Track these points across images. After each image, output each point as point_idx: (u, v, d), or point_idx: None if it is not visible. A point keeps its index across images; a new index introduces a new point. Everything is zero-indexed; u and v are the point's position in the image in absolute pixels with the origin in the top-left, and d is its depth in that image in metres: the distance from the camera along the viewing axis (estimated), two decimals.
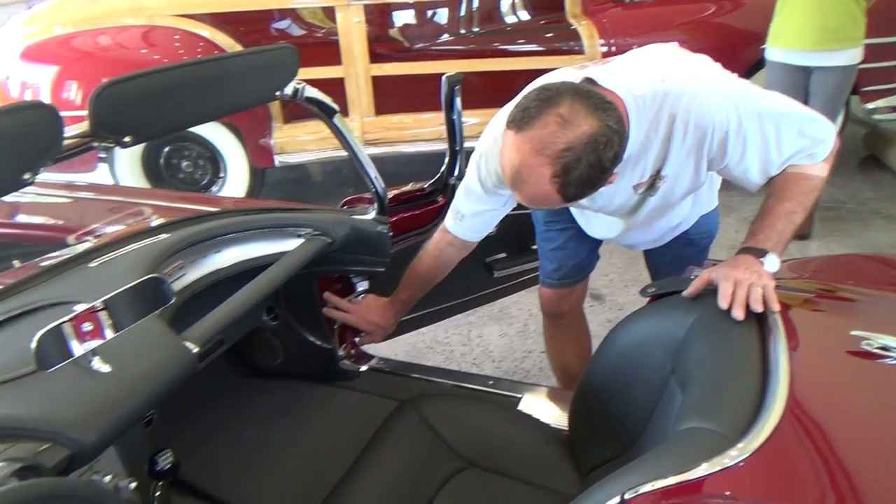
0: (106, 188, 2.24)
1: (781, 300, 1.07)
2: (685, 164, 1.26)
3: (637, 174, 1.30)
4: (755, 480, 0.76)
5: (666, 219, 1.52)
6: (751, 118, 1.19)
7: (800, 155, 1.24)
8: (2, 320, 1.10)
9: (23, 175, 0.81)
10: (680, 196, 1.40)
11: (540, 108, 1.03)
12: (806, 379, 0.91)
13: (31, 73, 3.55)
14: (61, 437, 0.91)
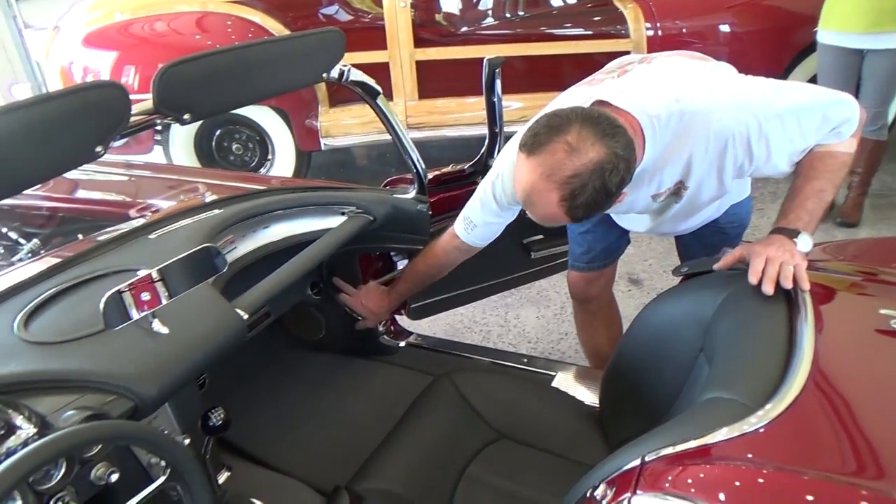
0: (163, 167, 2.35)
1: (812, 279, 1.09)
2: (709, 174, 1.27)
3: (654, 186, 1.32)
4: (773, 446, 0.79)
5: (694, 217, 1.53)
6: (771, 120, 1.19)
7: (825, 136, 1.24)
8: (72, 285, 1.19)
9: (96, 147, 0.89)
10: (707, 200, 1.40)
11: (549, 134, 1.07)
12: (830, 353, 0.92)
13: (93, 59, 3.70)
14: (126, 390, 0.99)
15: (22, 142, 0.80)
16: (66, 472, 0.90)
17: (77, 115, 0.86)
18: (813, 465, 0.77)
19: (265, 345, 1.96)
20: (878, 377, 0.91)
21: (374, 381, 1.84)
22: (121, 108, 0.90)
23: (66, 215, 1.93)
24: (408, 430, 1.53)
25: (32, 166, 0.85)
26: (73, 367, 1.00)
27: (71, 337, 1.05)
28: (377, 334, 1.96)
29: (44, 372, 0.98)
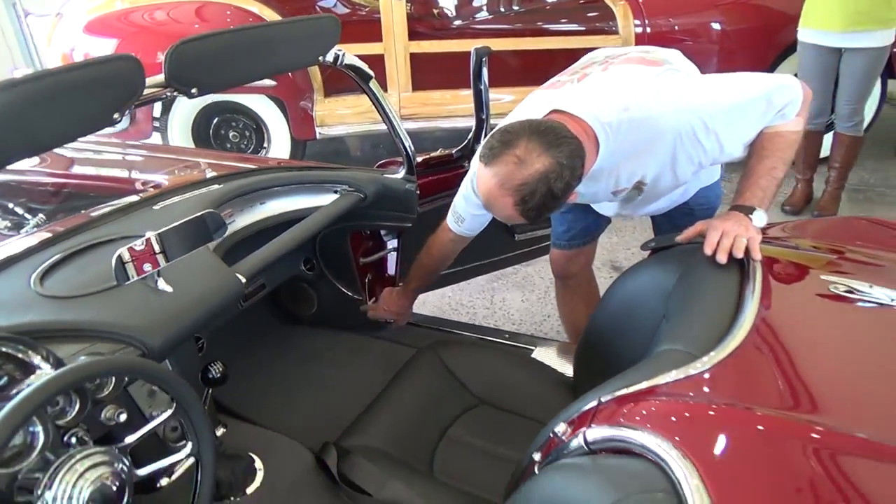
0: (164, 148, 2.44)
1: (765, 252, 1.19)
2: (663, 170, 1.38)
3: (612, 183, 1.42)
4: (714, 386, 0.89)
5: (659, 202, 1.63)
6: (716, 116, 1.29)
7: (772, 119, 1.33)
8: (83, 248, 1.28)
9: (113, 114, 0.99)
10: (667, 189, 1.49)
11: (501, 148, 1.20)
12: (772, 311, 1.03)
13: (93, 45, 3.77)
14: (133, 340, 1.09)
15: (50, 105, 0.89)
16: (80, 409, 0.99)
17: (98, 83, 0.95)
18: (748, 400, 0.87)
19: (262, 318, 2.05)
20: (813, 331, 1.02)
21: (363, 353, 1.93)
22: (136, 80, 1.00)
23: (70, 191, 2.01)
24: (393, 395, 1.63)
25: (58, 128, 0.94)
26: (87, 318, 1.09)
27: (84, 292, 1.15)
28: (367, 310, 2.06)
29: (60, 321, 1.07)
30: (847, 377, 0.92)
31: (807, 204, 3.42)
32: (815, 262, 1.24)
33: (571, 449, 0.91)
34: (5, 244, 1.35)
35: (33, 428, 0.92)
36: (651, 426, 0.82)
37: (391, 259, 2.08)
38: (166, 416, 0.99)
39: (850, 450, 0.77)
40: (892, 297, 1.05)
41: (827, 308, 1.07)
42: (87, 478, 0.86)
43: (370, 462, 1.39)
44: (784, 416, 0.82)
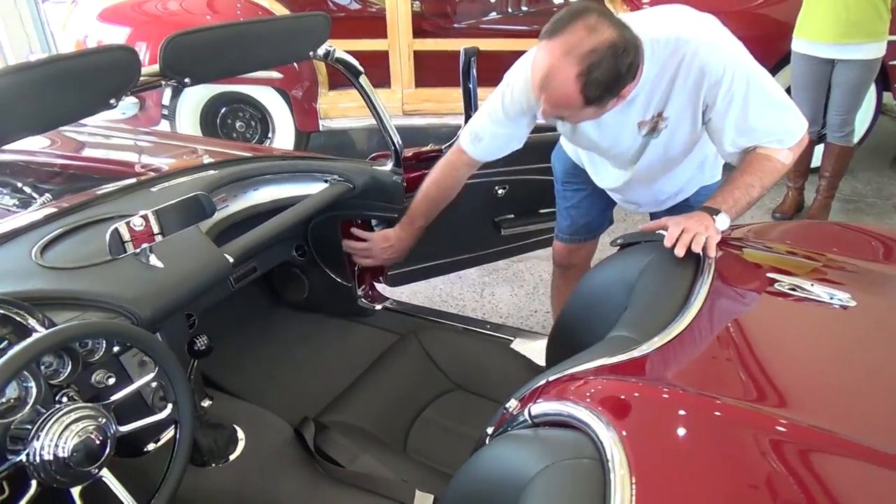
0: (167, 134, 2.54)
1: (725, 252, 1.26)
2: (685, 108, 1.42)
3: (642, 111, 1.45)
4: (651, 368, 0.97)
5: (666, 177, 1.66)
6: (741, 79, 1.35)
7: (770, 138, 1.41)
8: (82, 224, 1.37)
9: (110, 99, 1.07)
10: (680, 147, 1.52)
11: (570, 19, 1.22)
12: (715, 304, 1.10)
13: (107, 33, 3.87)
14: (125, 310, 1.17)
15: (53, 89, 0.98)
16: (72, 370, 1.08)
17: (97, 70, 1.04)
18: (679, 382, 0.94)
19: (254, 300, 2.14)
20: (751, 323, 1.09)
21: (348, 338, 2.01)
22: (132, 68, 1.08)
23: (76, 172, 2.10)
24: (373, 377, 1.71)
25: (59, 110, 1.02)
26: (82, 287, 1.18)
27: (81, 264, 1.23)
28: (356, 297, 2.14)
29: (57, 290, 1.16)
30: (774, 364, 0.99)
31: (797, 212, 3.48)
32: (769, 261, 1.31)
33: (518, 422, 0.98)
34: (11, 219, 1.44)
35: (27, 384, 1.00)
36: (587, 401, 0.90)
37: None
38: (149, 377, 1.07)
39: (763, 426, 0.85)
40: (831, 294, 1.12)
41: (768, 303, 1.14)
42: (73, 429, 0.94)
43: (345, 436, 1.47)
44: (708, 396, 0.89)
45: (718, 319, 1.08)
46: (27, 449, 0.92)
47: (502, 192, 2.14)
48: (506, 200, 2.17)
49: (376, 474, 1.38)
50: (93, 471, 0.96)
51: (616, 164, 1.69)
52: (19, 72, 0.93)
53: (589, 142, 1.60)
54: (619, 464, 0.77)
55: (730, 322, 1.08)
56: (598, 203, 1.94)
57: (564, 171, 1.95)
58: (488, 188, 2.12)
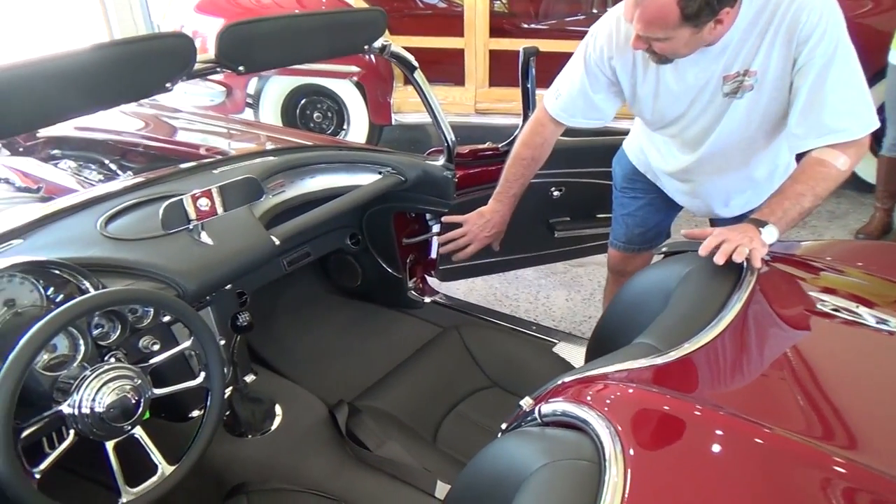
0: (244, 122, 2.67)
1: (771, 267, 1.21)
2: (775, 64, 1.35)
3: (729, 61, 1.39)
4: (667, 378, 0.94)
5: (738, 166, 1.57)
6: (830, 41, 1.28)
7: (834, 134, 1.32)
8: (145, 200, 1.47)
9: (166, 83, 1.15)
10: (763, 117, 1.44)
11: None
12: (748, 319, 1.06)
13: (202, 24, 4.09)
14: (173, 282, 1.25)
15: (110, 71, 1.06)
16: (121, 333, 1.17)
17: (155, 56, 1.11)
18: (694, 394, 0.92)
19: (308, 285, 2.22)
20: (784, 342, 1.04)
21: (394, 328, 2.06)
22: (187, 55, 1.15)
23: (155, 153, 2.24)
24: (411, 367, 1.75)
25: (118, 90, 1.11)
26: (137, 258, 1.27)
27: (139, 237, 1.32)
28: (406, 288, 2.18)
29: (114, 258, 1.25)
30: (801, 385, 0.94)
31: (884, 234, 3.25)
32: (814, 280, 1.24)
33: (528, 420, 0.99)
34: (88, 191, 1.56)
35: (77, 342, 1.09)
36: (595, 405, 0.89)
37: (434, 242, 2.18)
38: (184, 346, 1.14)
39: (783, 449, 0.81)
40: (877, 317, 1.05)
41: (806, 322, 1.08)
42: (111, 387, 1.02)
43: (375, 422, 1.51)
44: (722, 413, 0.86)
45: (749, 334, 1.03)
46: (68, 400, 1.00)
47: (558, 194, 2.12)
48: (561, 202, 2.15)
49: (401, 461, 1.41)
50: (126, 427, 1.03)
51: (688, 141, 1.60)
52: (82, 54, 1.02)
53: (667, 102, 1.52)
54: (616, 469, 0.76)
55: (760, 338, 1.04)
56: (655, 214, 1.89)
57: (624, 175, 1.91)
58: (543, 189, 2.11)
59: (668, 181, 1.77)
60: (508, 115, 3.88)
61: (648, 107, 1.57)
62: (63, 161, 2.24)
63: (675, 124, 1.58)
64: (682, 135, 1.59)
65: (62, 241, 1.27)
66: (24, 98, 1.02)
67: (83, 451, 1.02)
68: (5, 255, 1.18)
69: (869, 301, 1.12)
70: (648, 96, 1.55)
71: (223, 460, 1.45)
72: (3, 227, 1.29)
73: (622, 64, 1.52)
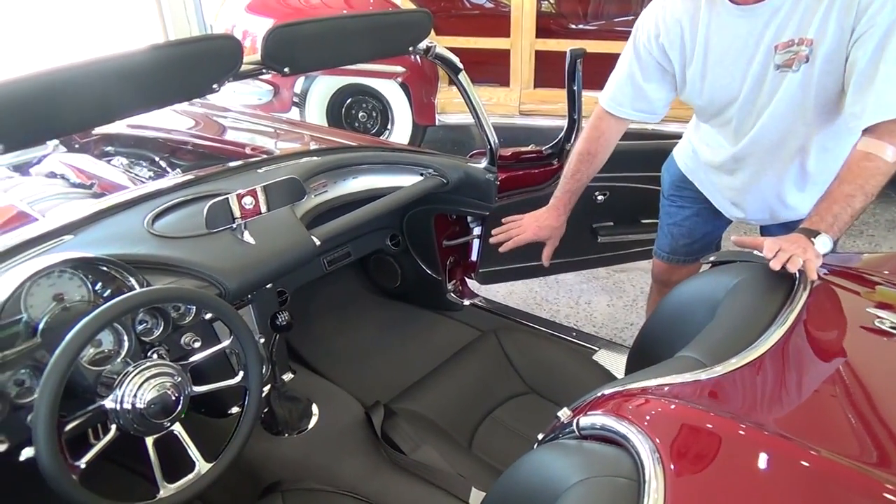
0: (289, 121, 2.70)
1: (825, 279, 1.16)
2: (832, 31, 1.28)
3: (781, 28, 1.33)
4: (712, 395, 0.91)
5: (790, 160, 1.49)
6: (890, 15, 1.21)
7: (892, 107, 1.24)
8: (191, 198, 1.50)
9: (212, 84, 1.16)
10: (820, 94, 1.36)
11: None
12: (800, 335, 1.01)
13: (253, 24, 4.17)
14: (214, 280, 1.27)
15: (161, 72, 1.08)
16: (164, 330, 1.19)
17: (201, 57, 1.13)
18: (739, 413, 0.88)
19: (348, 285, 2.23)
20: (837, 360, 0.99)
21: (432, 330, 2.05)
22: (234, 56, 1.17)
23: (204, 151, 2.29)
24: (448, 370, 1.74)
25: (167, 91, 1.13)
26: (181, 256, 1.29)
27: (184, 235, 1.35)
28: (445, 290, 2.17)
29: (159, 256, 1.28)
30: (854, 407, 0.89)
31: None
32: (870, 295, 1.18)
33: (566, 432, 0.96)
34: (137, 189, 1.60)
35: (122, 338, 1.12)
36: (635, 420, 0.86)
37: (475, 245, 2.17)
38: (224, 345, 1.16)
39: (831, 473, 0.77)
40: None
41: (862, 340, 1.03)
42: (152, 383, 1.04)
43: (411, 425, 1.50)
44: (767, 433, 0.83)
45: (799, 351, 0.99)
46: (111, 395, 1.02)
47: (602, 199, 2.09)
48: (605, 207, 2.11)
49: (435, 466, 1.40)
50: (165, 423, 1.05)
51: (739, 126, 1.52)
52: (135, 56, 1.04)
53: (716, 80, 1.47)
54: (656, 487, 0.74)
55: (811, 356, 0.99)
56: (703, 226, 1.82)
57: (672, 183, 1.85)
58: (587, 193, 2.07)
59: (717, 178, 1.69)
60: (553, 116, 3.83)
61: (697, 88, 1.52)
62: (116, 158, 2.31)
63: (727, 110, 1.51)
64: (734, 120, 1.52)
65: (111, 237, 1.31)
66: (81, 97, 1.05)
67: (126, 442, 1.04)
68: (57, 251, 1.22)
69: None
70: (696, 76, 1.50)
71: (260, 458, 1.47)
72: (56, 223, 1.33)
73: (670, 42, 1.49)
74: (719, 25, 1.42)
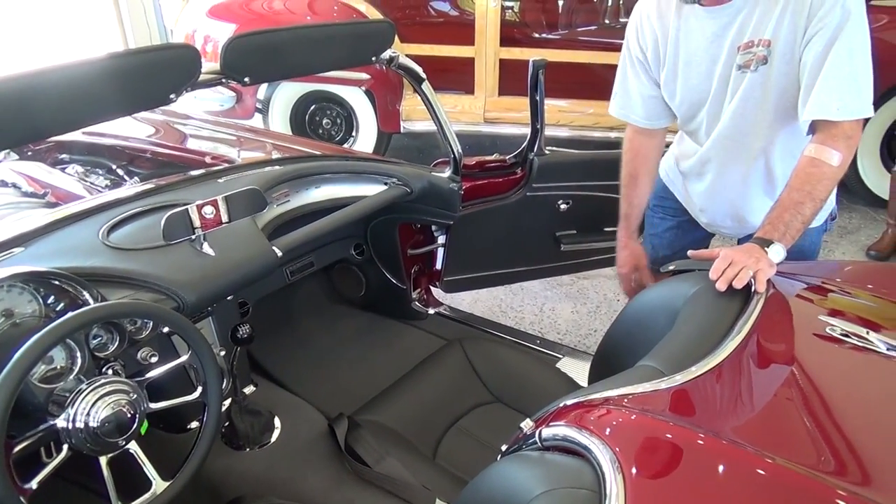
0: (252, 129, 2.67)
1: (777, 289, 1.19)
2: (786, 32, 1.32)
3: (743, 26, 1.37)
4: (671, 404, 0.92)
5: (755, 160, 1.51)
6: (843, 9, 1.25)
7: (830, 107, 1.28)
8: (149, 209, 1.46)
9: (170, 94, 1.14)
10: (781, 92, 1.39)
11: None
12: (755, 344, 1.03)
13: (214, 29, 4.10)
14: (172, 293, 1.24)
15: (116, 81, 1.05)
16: (119, 345, 1.16)
17: (158, 67, 1.11)
18: (698, 422, 0.90)
19: (311, 295, 2.21)
20: (791, 368, 1.02)
21: (397, 340, 2.04)
22: (193, 66, 1.15)
23: (163, 159, 2.24)
24: (413, 380, 1.73)
25: (122, 101, 1.10)
26: (137, 268, 1.26)
27: (140, 246, 1.32)
28: (410, 299, 2.16)
29: (115, 269, 1.24)
30: (809, 414, 0.92)
31: (895, 251, 3.21)
32: (823, 302, 1.22)
33: (529, 443, 0.97)
34: (91, 199, 1.56)
35: (74, 354, 1.08)
36: (596, 430, 0.87)
37: (439, 253, 2.17)
38: (181, 360, 1.13)
39: (786, 481, 0.79)
40: (889, 345, 1.03)
41: (814, 347, 1.06)
42: (106, 401, 1.01)
43: (375, 437, 1.49)
44: (725, 442, 0.84)
45: (755, 360, 1.01)
46: (63, 414, 0.99)
47: (565, 207, 2.11)
48: (568, 215, 2.13)
49: (400, 478, 1.39)
50: (120, 442, 1.02)
51: (707, 127, 1.55)
52: (88, 65, 1.01)
53: (687, 81, 1.51)
54: (616, 498, 0.74)
55: (767, 364, 1.02)
56: (682, 238, 1.82)
57: (656, 193, 1.84)
58: (551, 202, 2.09)
59: (690, 185, 1.71)
60: (518, 124, 3.86)
61: (671, 90, 1.56)
62: (71, 166, 2.24)
63: (699, 111, 1.54)
64: (704, 122, 1.56)
65: (64, 250, 1.27)
66: (32, 108, 1.02)
67: (80, 460, 1.01)
68: (6, 264, 1.18)
69: (879, 325, 1.10)
70: (670, 78, 1.54)
71: (220, 473, 1.44)
72: (6, 234, 1.28)
73: (647, 45, 1.54)
74: (689, 27, 1.46)
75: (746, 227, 1.66)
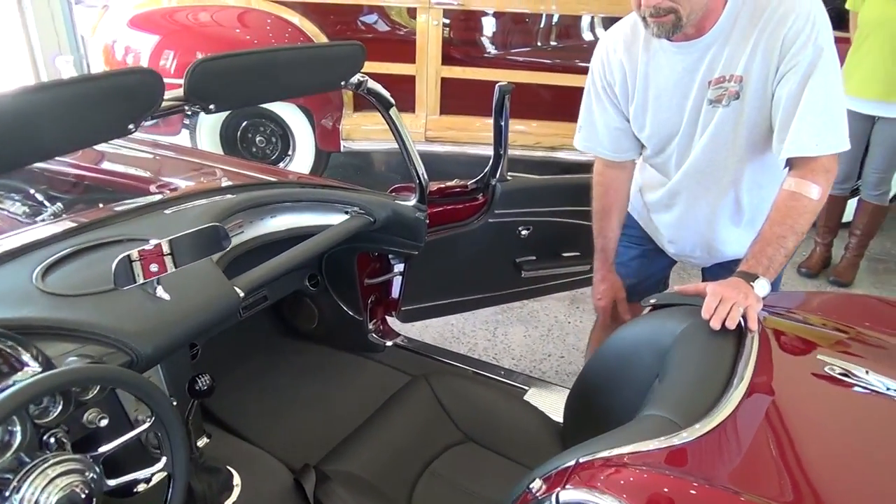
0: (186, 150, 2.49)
1: (766, 323, 1.17)
2: (757, 68, 1.34)
3: (714, 62, 1.38)
4: (695, 461, 0.88)
5: (724, 194, 1.52)
6: (815, 47, 1.27)
7: (808, 144, 1.30)
8: (90, 246, 1.30)
9: (128, 125, 1.01)
10: (752, 128, 1.40)
11: None
12: (762, 388, 1.01)
13: (135, 40, 3.86)
14: (124, 345, 1.10)
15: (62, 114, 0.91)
16: (63, 410, 1.00)
17: (114, 95, 0.97)
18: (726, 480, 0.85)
19: (261, 328, 2.06)
20: (802, 413, 1.00)
21: (356, 375, 1.93)
22: (154, 93, 1.02)
23: (90, 184, 2.05)
24: (380, 422, 1.62)
25: (69, 136, 0.96)
26: (81, 318, 1.10)
27: (83, 292, 1.16)
28: (366, 331, 2.06)
29: (55, 319, 1.09)
30: (829, 463, 0.89)
31: (824, 268, 3.37)
32: (815, 338, 1.22)
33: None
34: (17, 233, 1.38)
35: (12, 427, 0.93)
36: (624, 496, 0.81)
37: (396, 283, 2.08)
38: (144, 428, 0.99)
39: None
40: (887, 385, 1.03)
41: (819, 389, 1.05)
42: (57, 484, 0.86)
43: (345, 489, 1.38)
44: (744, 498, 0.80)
45: (766, 407, 0.99)
46: (5, 503, 0.84)
47: (525, 233, 2.07)
48: (529, 241, 2.09)
49: None
50: None
51: (676, 159, 1.55)
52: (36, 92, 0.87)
53: (657, 115, 1.51)
54: None
55: (779, 410, 0.99)
56: (649, 267, 1.83)
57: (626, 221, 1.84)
58: (511, 228, 2.04)
59: (657, 216, 1.71)
60: (459, 143, 3.82)
61: (640, 123, 1.55)
62: None
63: (669, 144, 1.54)
64: (674, 155, 1.56)
65: None
66: None
67: None
68: None
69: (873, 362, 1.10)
70: (639, 111, 1.53)
71: None
72: None
73: (614, 79, 1.53)
74: (658, 63, 1.45)
75: (716, 255, 1.67)
